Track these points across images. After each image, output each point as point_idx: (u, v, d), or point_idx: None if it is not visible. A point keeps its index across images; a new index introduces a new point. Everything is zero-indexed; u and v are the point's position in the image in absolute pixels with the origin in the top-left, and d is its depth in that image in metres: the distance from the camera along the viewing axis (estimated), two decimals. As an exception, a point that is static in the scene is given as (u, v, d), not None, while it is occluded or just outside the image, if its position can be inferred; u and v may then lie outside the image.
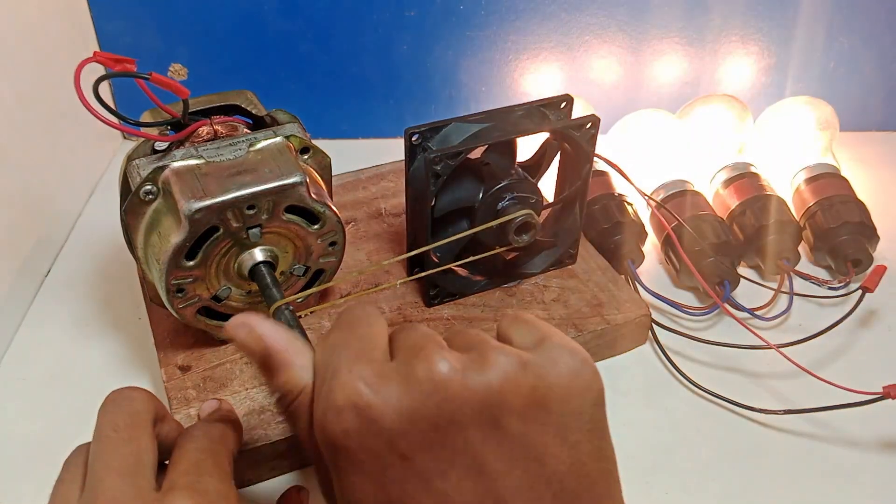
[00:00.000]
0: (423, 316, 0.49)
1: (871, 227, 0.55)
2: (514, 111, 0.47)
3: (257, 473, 0.42)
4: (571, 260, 0.53)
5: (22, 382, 0.49)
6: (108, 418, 0.31)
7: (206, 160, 0.41)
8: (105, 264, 0.58)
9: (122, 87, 0.69)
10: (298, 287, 0.46)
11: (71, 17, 0.63)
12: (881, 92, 0.72)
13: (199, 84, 0.43)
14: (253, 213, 0.40)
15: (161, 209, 0.41)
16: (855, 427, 0.45)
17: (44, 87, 0.57)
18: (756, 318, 0.52)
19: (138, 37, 0.67)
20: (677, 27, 0.68)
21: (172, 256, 0.40)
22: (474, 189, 0.47)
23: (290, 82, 0.70)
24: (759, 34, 0.68)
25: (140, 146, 0.43)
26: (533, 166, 0.49)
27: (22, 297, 0.54)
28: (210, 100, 0.46)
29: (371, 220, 0.57)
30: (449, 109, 0.47)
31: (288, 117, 0.45)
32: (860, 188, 0.58)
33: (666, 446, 0.45)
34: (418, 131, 0.45)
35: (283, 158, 0.42)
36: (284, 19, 0.66)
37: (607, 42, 0.68)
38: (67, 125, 0.61)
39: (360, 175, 0.61)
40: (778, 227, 0.55)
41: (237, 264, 0.42)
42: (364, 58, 0.68)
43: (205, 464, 0.31)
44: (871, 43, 0.69)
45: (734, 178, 0.59)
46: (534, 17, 0.67)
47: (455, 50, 0.68)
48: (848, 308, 0.50)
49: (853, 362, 0.50)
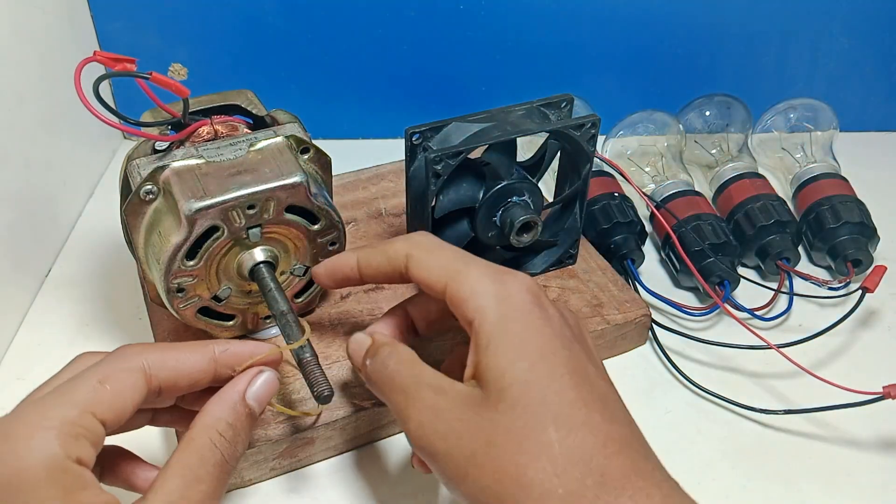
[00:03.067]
0: (424, 316, 0.49)
1: (871, 227, 0.55)
2: (514, 111, 0.47)
3: (257, 473, 0.42)
4: (571, 260, 0.53)
5: (22, 382, 0.49)
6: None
7: (206, 160, 0.41)
8: (105, 264, 0.58)
9: (122, 86, 0.69)
10: (299, 287, 0.46)
11: (71, 17, 0.63)
12: (881, 92, 0.72)
13: (199, 84, 0.43)
14: (253, 212, 0.40)
15: (161, 209, 0.41)
16: (855, 427, 0.45)
17: (44, 87, 0.57)
18: (756, 319, 0.52)
19: (138, 37, 0.67)
20: (677, 27, 0.68)
21: (173, 256, 0.40)
22: (475, 189, 0.47)
23: (290, 82, 0.70)
24: (759, 34, 0.68)
25: (140, 146, 0.43)
26: (533, 166, 0.49)
27: (22, 297, 0.54)
28: (210, 100, 0.46)
29: (371, 220, 0.57)
30: (449, 109, 0.47)
31: (288, 117, 0.45)
32: (860, 188, 0.58)
33: (666, 446, 0.45)
34: (418, 131, 0.45)
35: (284, 158, 0.42)
36: (284, 19, 0.66)
37: (608, 42, 0.68)
38: (67, 125, 0.61)
39: (360, 175, 0.61)
40: (778, 227, 0.55)
41: (237, 264, 0.42)
42: (364, 58, 0.68)
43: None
44: (871, 43, 0.69)
45: (734, 178, 0.59)
46: (534, 16, 0.67)
47: (455, 50, 0.68)
48: (848, 308, 0.50)
49: (853, 362, 0.50)
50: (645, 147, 0.62)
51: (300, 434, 0.42)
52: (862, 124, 0.73)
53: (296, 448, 0.42)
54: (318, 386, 0.37)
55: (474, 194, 0.47)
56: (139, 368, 0.32)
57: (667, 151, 0.61)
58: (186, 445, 0.32)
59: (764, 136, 0.65)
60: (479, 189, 0.47)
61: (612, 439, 0.30)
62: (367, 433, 0.44)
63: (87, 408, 0.30)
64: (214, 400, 0.33)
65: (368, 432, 0.44)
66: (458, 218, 0.48)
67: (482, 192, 0.47)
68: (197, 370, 0.34)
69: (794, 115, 0.64)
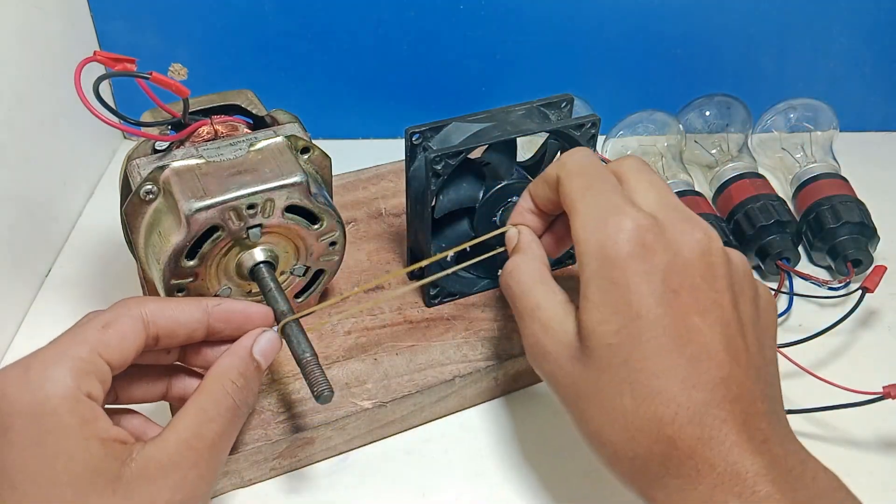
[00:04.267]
0: (424, 315, 0.49)
1: (871, 227, 0.55)
2: (514, 111, 0.47)
3: (257, 473, 0.42)
4: (571, 260, 0.53)
5: (22, 382, 0.49)
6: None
7: (206, 160, 0.41)
8: (105, 264, 0.58)
9: (122, 86, 0.69)
10: (299, 287, 0.46)
11: (71, 17, 0.63)
12: (881, 92, 0.72)
13: (199, 84, 0.43)
14: (253, 212, 0.40)
15: (161, 209, 0.41)
16: (855, 427, 0.45)
17: (44, 87, 0.57)
18: (756, 318, 0.52)
19: (138, 37, 0.67)
20: (677, 27, 0.68)
21: (173, 256, 0.40)
22: (475, 189, 0.47)
23: (290, 82, 0.70)
24: (759, 34, 0.68)
25: (140, 146, 0.43)
26: (533, 166, 0.49)
27: (22, 297, 0.54)
28: (210, 99, 0.46)
29: (371, 220, 0.57)
30: (449, 109, 0.47)
31: (288, 117, 0.45)
32: (860, 188, 0.58)
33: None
34: (418, 131, 0.45)
35: (284, 158, 0.42)
36: (284, 19, 0.66)
37: (608, 41, 0.68)
38: (67, 125, 0.61)
39: (360, 175, 0.61)
40: (778, 227, 0.55)
41: (237, 264, 0.42)
42: (364, 58, 0.68)
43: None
44: (871, 43, 0.69)
45: (734, 179, 0.59)
46: (534, 16, 0.67)
47: (455, 50, 0.68)
48: (848, 308, 0.49)
49: (853, 362, 0.50)
50: (645, 147, 0.62)
51: (300, 434, 0.42)
52: (862, 124, 0.73)
53: (296, 448, 0.42)
54: (318, 385, 0.37)
55: (474, 194, 0.47)
56: (139, 316, 0.34)
57: (667, 151, 0.61)
58: (201, 391, 0.34)
59: (764, 136, 0.66)
60: (479, 189, 0.47)
61: (684, 408, 0.30)
62: (367, 433, 0.44)
63: (95, 348, 0.32)
64: (225, 355, 0.36)
65: (368, 432, 0.44)
66: (458, 218, 0.48)
67: (482, 191, 0.47)
68: (192, 320, 0.36)
69: (794, 115, 0.64)
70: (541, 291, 0.36)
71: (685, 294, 0.32)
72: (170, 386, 0.38)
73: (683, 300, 0.32)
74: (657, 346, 0.31)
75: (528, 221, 0.40)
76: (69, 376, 0.31)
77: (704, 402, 0.31)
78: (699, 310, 0.32)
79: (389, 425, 0.45)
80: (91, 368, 0.32)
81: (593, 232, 0.33)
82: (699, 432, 0.30)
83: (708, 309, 0.32)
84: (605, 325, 0.32)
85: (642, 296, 0.32)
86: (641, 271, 0.32)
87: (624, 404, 0.31)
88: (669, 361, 0.31)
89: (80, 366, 0.31)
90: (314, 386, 0.37)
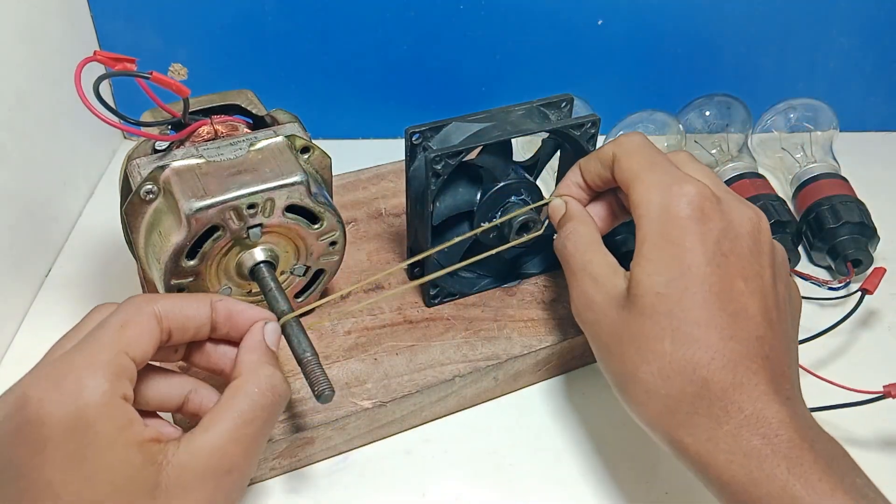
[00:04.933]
0: (424, 315, 0.49)
1: (871, 227, 0.55)
2: (514, 111, 0.47)
3: (257, 473, 0.42)
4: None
5: (22, 382, 0.49)
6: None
7: (206, 160, 0.41)
8: (105, 264, 0.58)
9: (122, 86, 0.69)
10: (299, 287, 0.46)
11: (71, 17, 0.63)
12: (881, 92, 0.72)
13: (199, 84, 0.43)
14: (253, 212, 0.40)
15: (162, 209, 0.41)
16: (855, 427, 0.45)
17: (44, 87, 0.57)
18: (756, 318, 0.52)
19: (138, 37, 0.67)
20: (677, 27, 0.68)
21: (173, 256, 0.40)
22: (471, 193, 0.47)
23: (290, 82, 0.70)
24: (759, 34, 0.68)
25: (140, 146, 0.43)
26: (532, 166, 0.49)
27: (22, 297, 0.54)
28: (210, 99, 0.46)
29: (371, 220, 0.57)
30: (449, 109, 0.47)
31: (288, 117, 0.45)
32: (860, 188, 0.58)
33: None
34: (419, 131, 0.45)
35: (284, 158, 0.42)
36: (284, 19, 0.66)
37: (608, 41, 0.68)
38: (67, 125, 0.61)
39: (360, 175, 0.61)
40: (778, 227, 0.55)
41: (237, 264, 0.42)
42: (364, 58, 0.68)
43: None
44: (871, 43, 0.69)
45: (734, 179, 0.59)
46: (534, 16, 0.67)
47: (455, 50, 0.68)
48: (848, 308, 0.50)
49: (853, 362, 0.50)
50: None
51: (300, 434, 0.42)
52: (862, 124, 0.73)
53: (296, 448, 0.42)
54: (319, 385, 0.37)
55: (471, 198, 0.47)
56: (152, 313, 0.34)
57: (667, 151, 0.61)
58: (235, 393, 0.34)
59: (764, 136, 0.66)
60: (476, 192, 0.47)
61: (721, 355, 0.33)
62: (367, 433, 0.44)
63: (120, 349, 0.32)
64: (245, 351, 0.36)
65: (368, 432, 0.44)
66: (458, 221, 0.48)
67: (479, 194, 0.46)
68: (200, 315, 0.36)
69: (794, 115, 0.64)
70: (594, 250, 0.40)
71: (733, 259, 0.35)
72: (187, 400, 0.37)
73: (731, 263, 0.35)
74: (702, 299, 0.34)
75: (573, 193, 0.43)
76: (105, 382, 0.30)
77: (739, 352, 0.33)
78: (744, 276, 0.35)
79: (389, 425, 0.45)
80: (121, 370, 0.32)
81: (657, 195, 0.36)
82: (732, 377, 0.33)
83: (751, 277, 0.35)
84: (657, 276, 0.35)
85: (695, 254, 0.35)
86: (697, 232, 0.35)
87: (664, 348, 0.34)
88: (711, 314, 0.34)
89: (113, 369, 0.31)
90: (315, 385, 0.37)
